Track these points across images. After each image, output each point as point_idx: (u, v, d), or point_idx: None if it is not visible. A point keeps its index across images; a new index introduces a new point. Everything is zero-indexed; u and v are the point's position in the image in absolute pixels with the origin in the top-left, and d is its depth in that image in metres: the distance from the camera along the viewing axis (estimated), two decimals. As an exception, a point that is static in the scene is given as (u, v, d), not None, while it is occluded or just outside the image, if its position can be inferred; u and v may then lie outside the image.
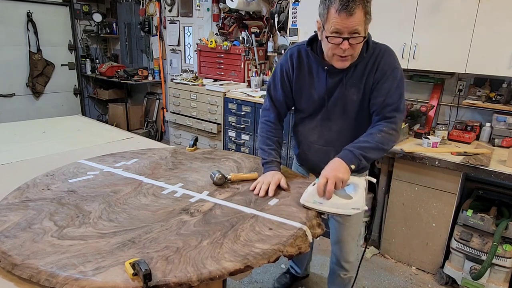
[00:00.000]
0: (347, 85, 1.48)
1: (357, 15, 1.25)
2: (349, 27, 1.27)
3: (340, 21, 1.26)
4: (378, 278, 2.46)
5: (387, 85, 1.43)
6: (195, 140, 1.88)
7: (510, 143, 2.40)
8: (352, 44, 1.31)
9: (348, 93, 1.49)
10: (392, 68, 1.44)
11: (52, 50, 5.20)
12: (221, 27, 3.98)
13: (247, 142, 3.42)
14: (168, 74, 4.97)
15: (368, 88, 1.47)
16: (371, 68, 1.45)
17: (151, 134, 5.35)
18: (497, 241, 2.08)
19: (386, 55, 1.45)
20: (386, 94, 1.43)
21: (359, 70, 1.46)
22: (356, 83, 1.47)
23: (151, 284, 0.84)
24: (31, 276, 0.88)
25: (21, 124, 2.53)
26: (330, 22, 1.28)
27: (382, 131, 1.40)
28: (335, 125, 1.57)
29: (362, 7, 1.25)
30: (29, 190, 1.34)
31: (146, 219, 1.16)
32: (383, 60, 1.44)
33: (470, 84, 2.65)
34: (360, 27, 1.28)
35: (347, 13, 1.24)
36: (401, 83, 1.46)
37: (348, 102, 1.51)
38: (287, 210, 1.24)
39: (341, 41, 1.30)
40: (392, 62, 1.45)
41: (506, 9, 2.12)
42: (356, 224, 1.76)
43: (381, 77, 1.43)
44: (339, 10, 1.24)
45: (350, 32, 1.28)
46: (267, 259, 0.98)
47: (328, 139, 1.59)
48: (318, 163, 1.62)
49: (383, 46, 1.47)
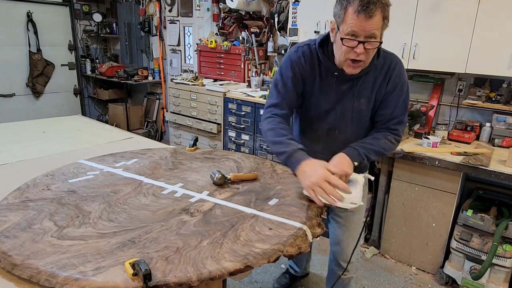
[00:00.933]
0: (358, 95, 1.44)
1: (376, 18, 1.19)
2: (367, 30, 1.21)
3: (358, 23, 1.20)
4: (378, 278, 2.46)
5: (396, 98, 1.43)
6: (195, 140, 1.88)
7: (510, 143, 2.40)
8: (367, 48, 1.25)
9: (358, 103, 1.45)
10: (402, 81, 1.43)
11: (52, 50, 5.20)
12: (221, 27, 3.98)
13: (247, 142, 3.42)
14: (168, 74, 4.97)
15: (379, 99, 1.46)
16: (383, 78, 1.42)
17: (151, 134, 5.35)
18: (497, 241, 2.08)
19: (398, 67, 1.43)
20: (394, 107, 1.44)
21: (370, 79, 1.42)
22: (366, 94, 1.44)
23: (151, 284, 0.84)
24: (31, 276, 0.88)
25: (21, 124, 2.53)
26: (347, 23, 1.22)
27: (387, 139, 1.43)
28: (342, 135, 1.52)
29: (382, 11, 1.20)
30: (29, 190, 1.34)
31: (146, 219, 1.16)
32: (395, 73, 1.42)
33: (470, 84, 2.65)
34: (377, 32, 1.23)
35: (366, 15, 1.18)
36: (408, 97, 1.47)
37: (358, 113, 1.47)
38: (287, 210, 1.24)
39: (356, 44, 1.23)
40: (403, 75, 1.44)
41: (506, 9, 2.12)
42: (356, 224, 1.76)
43: (392, 90, 1.42)
44: (358, 11, 1.18)
45: (367, 36, 1.22)
46: (267, 259, 0.98)
47: (333, 150, 1.51)
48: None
49: (394, 57, 1.45)
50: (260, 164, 1.68)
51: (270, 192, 1.39)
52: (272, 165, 1.66)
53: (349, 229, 1.74)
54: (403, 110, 1.45)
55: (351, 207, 1.27)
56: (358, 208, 1.72)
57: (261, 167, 1.63)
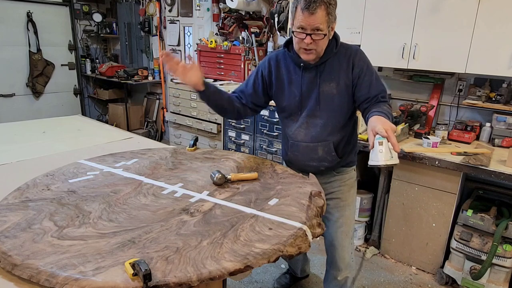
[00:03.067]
0: (324, 80, 1.59)
1: (319, 14, 1.40)
2: (311, 24, 1.42)
3: (304, 19, 1.42)
4: (378, 278, 2.46)
5: (368, 78, 1.56)
6: (195, 140, 1.88)
7: (510, 143, 2.40)
8: (315, 39, 1.45)
9: (327, 87, 1.60)
10: (367, 63, 1.59)
11: (52, 50, 5.19)
12: (221, 27, 3.97)
13: (247, 142, 3.42)
14: (168, 74, 4.97)
15: (348, 84, 1.58)
16: (346, 64, 1.58)
17: (151, 134, 5.35)
18: (497, 241, 2.08)
19: (359, 53, 1.60)
20: (370, 85, 1.56)
21: (332, 65, 1.58)
22: (334, 78, 1.59)
23: (151, 284, 0.84)
24: (31, 276, 0.88)
25: (21, 124, 2.53)
26: (297, 19, 1.44)
27: (385, 106, 1.51)
28: (319, 120, 1.63)
29: (325, 8, 1.40)
30: (29, 190, 1.34)
31: (146, 219, 1.16)
32: (357, 57, 1.58)
33: (470, 84, 2.65)
34: (322, 25, 1.42)
35: (309, 12, 1.39)
36: (378, 76, 1.60)
37: (329, 97, 1.60)
38: (287, 210, 1.24)
39: (305, 36, 1.45)
40: (365, 58, 1.60)
41: (506, 9, 2.12)
42: (348, 219, 1.78)
43: (359, 73, 1.56)
44: (303, 8, 1.40)
45: (313, 29, 1.43)
46: (267, 259, 0.98)
47: (314, 135, 1.65)
48: (307, 162, 1.70)
49: (354, 46, 1.63)
50: (260, 164, 1.68)
51: (270, 192, 1.39)
52: (272, 165, 1.66)
53: (343, 225, 1.78)
54: (381, 84, 1.58)
55: (396, 163, 1.27)
56: (349, 203, 1.79)
57: (261, 167, 1.63)
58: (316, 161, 1.68)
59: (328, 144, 1.64)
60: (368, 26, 2.64)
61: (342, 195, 1.76)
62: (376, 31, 2.61)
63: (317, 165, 1.68)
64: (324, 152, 1.65)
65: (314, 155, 1.67)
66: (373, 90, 1.55)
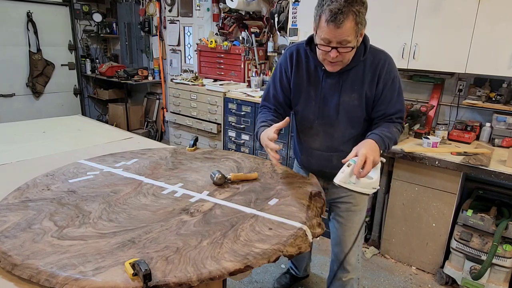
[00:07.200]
0: (346, 89, 1.49)
1: (346, 26, 1.25)
2: (338, 38, 1.28)
3: (329, 31, 1.27)
4: (378, 278, 2.46)
5: (390, 94, 1.48)
6: (195, 140, 1.88)
7: (510, 143, 2.40)
8: (341, 52, 1.33)
9: (348, 98, 1.50)
10: (393, 77, 1.48)
11: (52, 50, 5.20)
12: (221, 27, 3.97)
13: (247, 142, 3.42)
14: (168, 74, 4.97)
15: (370, 97, 1.49)
16: (371, 76, 1.46)
17: (151, 134, 5.35)
18: (497, 241, 2.08)
19: (387, 64, 1.47)
20: (389, 102, 1.49)
21: (357, 74, 1.47)
22: (356, 89, 1.48)
23: (151, 284, 0.84)
24: (31, 276, 0.88)
25: (21, 124, 2.53)
26: (321, 29, 1.30)
27: (396, 128, 1.48)
28: (337, 131, 1.57)
29: (353, 18, 1.25)
30: (29, 190, 1.34)
31: (146, 219, 1.16)
32: (385, 70, 1.46)
33: (470, 84, 2.65)
34: (350, 37, 1.29)
35: (335, 25, 1.24)
36: (401, 90, 1.52)
37: (349, 107, 1.51)
38: (287, 210, 1.24)
39: (330, 49, 1.32)
40: (393, 71, 1.49)
41: (506, 9, 2.12)
42: (358, 224, 1.76)
43: (383, 88, 1.47)
44: (328, 20, 1.25)
45: (339, 42, 1.29)
46: (267, 259, 0.98)
47: (330, 145, 1.59)
48: (321, 167, 1.67)
49: (383, 55, 1.49)
50: (260, 164, 1.68)
51: (270, 192, 1.39)
52: (272, 165, 1.66)
53: (351, 229, 1.74)
54: (401, 103, 1.51)
55: (372, 192, 1.30)
56: (360, 208, 1.73)
57: (261, 167, 1.63)
58: (329, 168, 1.61)
59: (344, 154, 1.50)
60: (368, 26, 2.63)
61: (354, 200, 1.71)
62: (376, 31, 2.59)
63: (329, 172, 1.59)
64: (339, 162, 1.53)
65: (328, 163, 1.62)
66: (390, 108, 1.49)
